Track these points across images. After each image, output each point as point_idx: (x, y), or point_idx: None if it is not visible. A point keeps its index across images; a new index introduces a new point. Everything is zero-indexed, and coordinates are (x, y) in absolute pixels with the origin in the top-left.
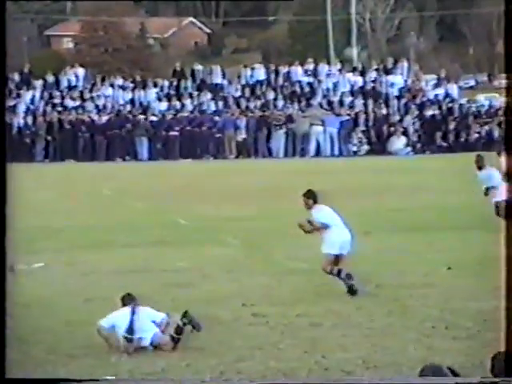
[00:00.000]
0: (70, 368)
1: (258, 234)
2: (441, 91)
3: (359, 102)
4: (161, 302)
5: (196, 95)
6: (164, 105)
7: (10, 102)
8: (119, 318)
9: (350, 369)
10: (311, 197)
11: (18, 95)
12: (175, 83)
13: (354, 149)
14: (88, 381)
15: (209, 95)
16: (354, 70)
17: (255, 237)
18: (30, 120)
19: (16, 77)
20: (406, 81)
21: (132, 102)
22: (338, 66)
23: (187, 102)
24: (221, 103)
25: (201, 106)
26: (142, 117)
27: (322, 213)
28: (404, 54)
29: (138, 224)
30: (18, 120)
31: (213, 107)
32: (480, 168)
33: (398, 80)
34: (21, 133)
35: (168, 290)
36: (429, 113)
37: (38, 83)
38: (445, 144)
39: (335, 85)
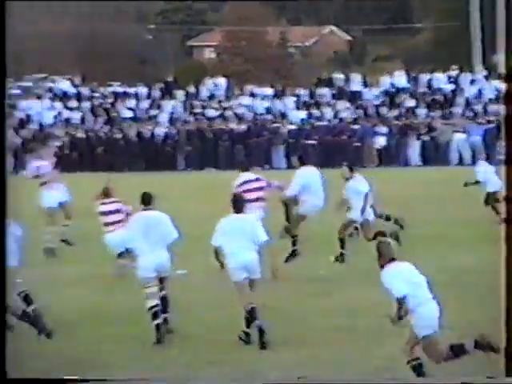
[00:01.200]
0: (211, 375)
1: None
2: None
3: (505, 109)
4: (300, 312)
5: (334, 103)
6: (303, 113)
7: (153, 112)
8: None
9: None
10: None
11: (159, 106)
12: (314, 91)
13: (500, 157)
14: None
15: (347, 103)
16: (499, 76)
17: (397, 245)
18: (172, 129)
19: (161, 87)
20: None
21: (270, 110)
22: (484, 72)
23: (326, 110)
24: (360, 111)
25: (339, 114)
26: (279, 125)
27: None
28: None
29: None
30: (161, 129)
31: (352, 115)
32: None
33: None
34: (165, 142)
35: (307, 299)
36: None
37: (180, 93)
38: None
39: (479, 92)
